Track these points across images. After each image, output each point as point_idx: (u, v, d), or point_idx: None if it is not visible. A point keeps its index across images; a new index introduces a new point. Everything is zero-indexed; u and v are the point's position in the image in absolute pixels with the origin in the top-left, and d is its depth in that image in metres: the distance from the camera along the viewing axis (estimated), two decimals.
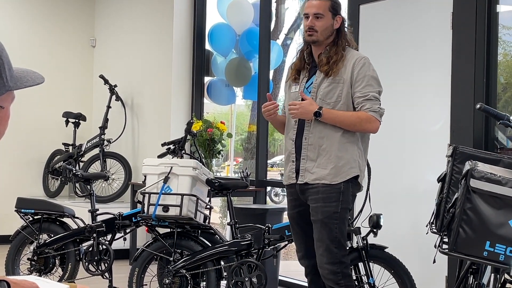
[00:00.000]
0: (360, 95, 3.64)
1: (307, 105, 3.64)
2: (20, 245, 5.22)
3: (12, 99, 1.68)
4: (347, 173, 3.65)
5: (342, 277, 3.63)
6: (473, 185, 2.53)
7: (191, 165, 4.56)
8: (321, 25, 3.71)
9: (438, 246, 2.76)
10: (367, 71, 3.68)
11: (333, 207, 3.63)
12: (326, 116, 3.62)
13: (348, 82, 3.67)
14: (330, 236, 3.63)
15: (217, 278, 4.56)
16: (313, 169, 3.68)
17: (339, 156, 3.64)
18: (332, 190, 3.63)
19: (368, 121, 3.63)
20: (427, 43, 4.77)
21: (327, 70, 3.68)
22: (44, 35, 8.38)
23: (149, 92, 7.63)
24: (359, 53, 3.81)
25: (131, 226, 5.10)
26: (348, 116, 3.64)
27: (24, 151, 8.17)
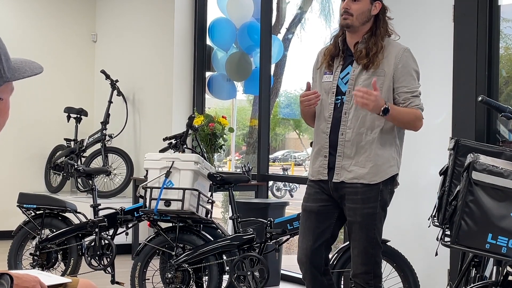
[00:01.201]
0: (408, 90, 3.44)
1: (379, 98, 3.31)
2: (22, 240, 5.23)
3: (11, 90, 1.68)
4: (386, 172, 3.46)
5: (373, 277, 3.50)
6: (475, 178, 2.53)
7: (193, 160, 4.56)
8: (357, 9, 3.44)
9: (440, 239, 2.76)
10: (411, 64, 3.48)
11: (372, 209, 3.44)
12: (392, 113, 3.35)
13: (390, 75, 3.43)
14: (368, 237, 3.46)
15: (219, 272, 4.57)
16: (350, 167, 3.45)
17: (379, 154, 3.43)
18: (371, 191, 3.43)
19: (419, 119, 3.48)
20: (429, 36, 4.76)
21: (366, 63, 3.42)
22: (45, 30, 8.37)
23: (151, 87, 7.63)
24: (399, 44, 3.55)
25: (133, 220, 5.11)
26: (408, 113, 3.43)
27: (26, 147, 8.17)
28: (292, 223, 4.45)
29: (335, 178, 3.47)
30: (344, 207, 3.49)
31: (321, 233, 3.55)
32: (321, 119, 3.55)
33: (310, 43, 10.39)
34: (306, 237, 3.58)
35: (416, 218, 4.73)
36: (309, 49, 9.98)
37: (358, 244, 3.48)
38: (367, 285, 3.50)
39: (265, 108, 6.61)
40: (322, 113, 3.54)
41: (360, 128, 3.44)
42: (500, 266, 2.74)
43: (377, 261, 3.52)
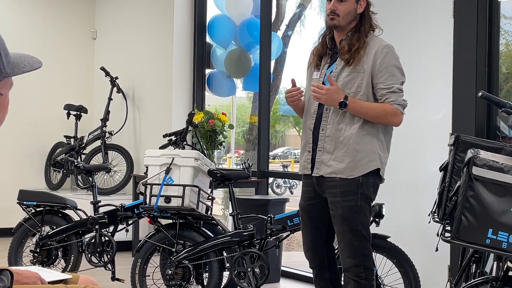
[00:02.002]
0: (384, 86, 3.49)
1: (334, 92, 3.44)
2: (22, 237, 5.23)
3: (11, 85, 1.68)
4: (365, 166, 3.50)
5: (364, 270, 3.54)
6: (475, 173, 2.53)
7: (193, 156, 4.56)
8: (344, 9, 3.53)
9: (441, 235, 2.76)
10: (390, 60, 3.52)
11: (352, 201, 3.50)
12: (351, 107, 3.44)
13: (369, 72, 3.50)
14: (352, 230, 3.52)
15: (220, 269, 4.57)
16: (329, 161, 3.53)
17: (357, 149, 3.49)
18: (350, 184, 3.50)
19: (393, 114, 3.49)
20: (429, 32, 4.76)
21: (348, 58, 3.50)
22: (44, 27, 8.36)
23: (150, 84, 7.62)
24: (382, 40, 3.60)
25: (133, 217, 5.11)
26: (374, 108, 3.48)
27: (25, 144, 8.17)
28: (292, 219, 4.45)
29: (315, 172, 3.58)
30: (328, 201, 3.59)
31: (316, 230, 3.69)
32: (307, 115, 3.66)
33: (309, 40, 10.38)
34: (304, 235, 3.75)
35: (416, 214, 4.73)
36: (309, 45, 9.99)
37: (342, 238, 3.55)
38: (358, 278, 3.54)
39: (265, 105, 6.61)
40: (309, 109, 3.65)
41: (339, 124, 3.52)
42: (500, 262, 2.74)
43: (366, 253, 3.56)
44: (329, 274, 3.71)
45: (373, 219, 4.11)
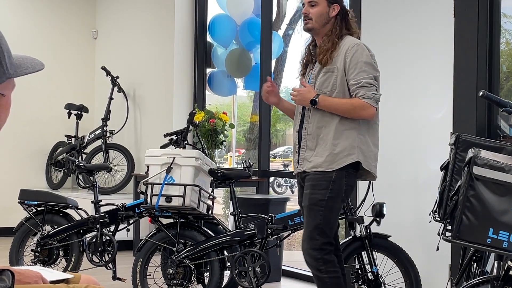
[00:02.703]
0: (354, 82, 3.63)
1: (305, 92, 3.69)
2: (23, 237, 5.23)
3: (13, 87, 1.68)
4: (343, 160, 3.63)
5: (323, 263, 3.63)
6: (476, 172, 2.53)
7: (194, 156, 4.56)
8: (315, 12, 3.73)
9: (441, 234, 2.76)
10: (359, 57, 3.65)
11: (319, 195, 3.63)
12: (322, 104, 3.65)
13: (342, 70, 3.66)
14: (314, 222, 3.64)
15: (221, 268, 4.57)
16: (311, 158, 3.71)
17: (335, 144, 3.65)
18: (322, 178, 3.64)
19: (361, 108, 3.61)
20: (430, 31, 4.76)
21: (321, 59, 3.70)
22: (45, 27, 8.37)
23: (151, 83, 7.63)
24: (353, 39, 3.76)
25: (134, 217, 5.11)
26: (343, 104, 3.64)
27: (26, 143, 8.17)
28: (293, 218, 4.46)
29: (298, 169, 3.78)
30: None
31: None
32: (296, 118, 3.88)
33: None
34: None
35: (417, 213, 4.73)
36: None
37: (305, 229, 3.69)
38: (318, 272, 3.63)
39: (266, 104, 6.59)
40: (296, 113, 3.88)
41: (320, 122, 3.70)
42: (501, 261, 2.74)
43: (323, 248, 3.64)
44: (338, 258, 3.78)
45: (374, 218, 4.11)
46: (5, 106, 1.67)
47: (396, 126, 4.98)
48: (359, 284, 4.14)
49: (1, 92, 1.63)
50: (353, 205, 4.27)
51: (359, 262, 4.14)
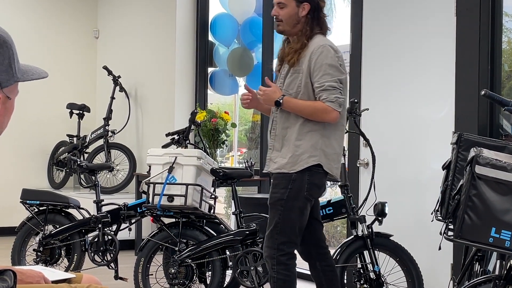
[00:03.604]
0: (318, 85, 3.59)
1: (270, 93, 3.67)
2: (25, 236, 5.24)
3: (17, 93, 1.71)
4: (305, 161, 3.62)
5: (276, 263, 3.63)
6: (478, 172, 2.53)
7: (196, 155, 4.56)
8: (284, 14, 3.68)
9: (444, 233, 2.76)
10: (324, 59, 3.59)
11: (279, 194, 3.63)
12: (286, 105, 3.64)
13: (307, 72, 3.62)
14: (273, 221, 3.65)
15: (223, 268, 4.57)
16: (276, 158, 3.72)
17: (297, 145, 3.64)
18: (283, 178, 3.65)
19: (323, 111, 3.58)
20: (431, 30, 4.75)
21: (289, 60, 3.67)
22: (47, 27, 8.37)
23: (153, 82, 7.63)
24: (321, 40, 3.69)
25: (136, 216, 5.11)
26: (306, 106, 3.62)
27: (28, 143, 8.18)
28: None
29: (265, 169, 3.82)
30: None
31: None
32: (270, 118, 3.86)
33: None
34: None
35: (419, 213, 4.73)
36: None
37: (267, 227, 3.69)
38: (271, 271, 3.65)
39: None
40: (271, 112, 3.84)
41: (285, 123, 3.70)
42: (503, 260, 2.74)
43: (282, 248, 3.62)
44: (321, 266, 3.82)
45: (376, 217, 4.11)
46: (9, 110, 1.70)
47: (398, 125, 4.98)
48: (361, 284, 4.14)
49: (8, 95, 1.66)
50: (355, 205, 4.26)
51: (361, 261, 4.14)
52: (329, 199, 4.33)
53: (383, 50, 5.11)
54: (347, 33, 5.47)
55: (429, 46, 4.77)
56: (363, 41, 5.25)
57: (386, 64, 5.09)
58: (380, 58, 5.14)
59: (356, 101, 4.29)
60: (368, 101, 5.11)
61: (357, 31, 5.31)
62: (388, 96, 5.06)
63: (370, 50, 5.20)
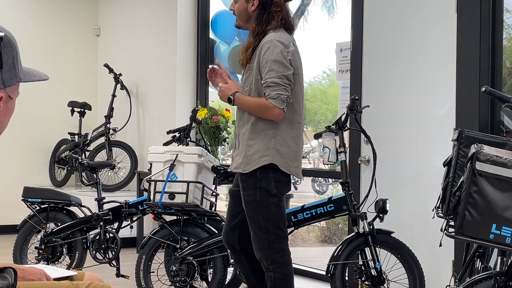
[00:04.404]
0: (263, 82, 3.55)
1: (225, 89, 3.69)
2: (27, 234, 5.25)
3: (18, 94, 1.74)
4: (257, 161, 3.58)
5: (271, 262, 3.61)
6: (479, 168, 2.53)
7: (197, 153, 4.57)
8: (236, 9, 3.70)
9: (444, 230, 2.76)
10: (270, 55, 3.52)
11: (251, 196, 3.61)
12: (236, 102, 3.66)
13: (256, 68, 3.58)
14: (256, 223, 3.62)
15: (224, 265, 4.58)
16: (235, 157, 3.72)
17: (249, 145, 3.61)
18: (248, 179, 3.62)
19: (265, 108, 3.53)
20: (432, 27, 4.75)
21: (240, 58, 3.68)
22: (48, 24, 8.38)
23: (154, 80, 7.63)
24: (270, 36, 3.59)
25: (138, 214, 5.12)
26: (251, 103, 3.59)
27: (30, 141, 8.19)
28: (296, 215, 4.44)
29: (229, 168, 3.86)
30: None
31: (234, 215, 3.84)
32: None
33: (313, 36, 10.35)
34: (227, 216, 3.94)
35: (420, 209, 4.73)
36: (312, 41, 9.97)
37: (251, 230, 3.67)
38: (267, 271, 3.63)
39: None
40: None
41: (239, 121, 3.72)
42: (504, 257, 2.74)
43: (273, 246, 3.61)
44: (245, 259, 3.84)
45: (377, 214, 4.11)
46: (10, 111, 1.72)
47: (399, 122, 4.98)
48: (362, 281, 4.14)
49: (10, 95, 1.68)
50: (356, 202, 4.27)
51: (362, 258, 4.14)
52: (330, 196, 4.33)
53: (383, 47, 5.11)
54: (348, 30, 5.47)
55: (429, 43, 4.77)
56: (364, 38, 5.25)
57: (386, 61, 5.09)
58: (380, 55, 5.14)
59: (357, 98, 4.29)
60: (369, 98, 5.12)
61: (357, 28, 5.30)
62: (389, 93, 5.06)
63: (371, 47, 5.20)
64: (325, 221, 8.70)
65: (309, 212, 4.31)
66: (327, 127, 4.26)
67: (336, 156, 4.19)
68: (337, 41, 5.81)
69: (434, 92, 4.75)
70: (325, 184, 13.61)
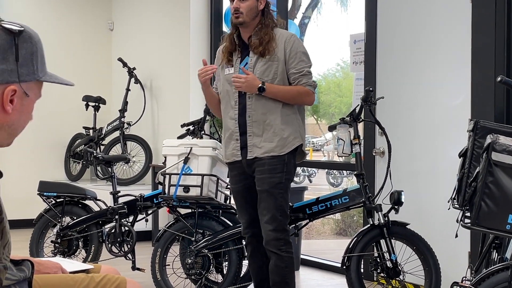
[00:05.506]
0: (295, 71, 3.90)
1: (252, 79, 3.85)
2: (43, 228, 5.28)
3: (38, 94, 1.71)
4: (292, 143, 3.91)
5: (284, 243, 3.89)
6: (495, 158, 2.51)
7: (211, 146, 4.57)
8: (246, 6, 3.92)
9: (460, 221, 2.75)
10: (298, 47, 3.92)
11: (278, 178, 3.87)
12: (269, 91, 3.86)
13: (282, 59, 3.90)
14: (276, 205, 3.87)
15: (239, 258, 4.58)
16: (260, 143, 3.90)
17: (283, 129, 3.90)
18: (277, 162, 3.88)
19: (306, 94, 3.91)
20: (447, 18, 4.72)
21: (262, 51, 3.89)
22: (61, 19, 8.40)
23: (168, 74, 7.64)
24: (286, 31, 4.05)
25: (153, 207, 5.13)
26: (289, 90, 3.90)
27: (45, 136, 8.23)
28: (311, 207, 4.44)
29: (249, 156, 3.94)
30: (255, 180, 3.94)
31: (251, 209, 4.01)
32: (228, 108, 4.02)
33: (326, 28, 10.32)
34: (241, 216, 4.11)
35: (435, 201, 4.71)
36: (326, 33, 9.94)
37: (267, 212, 3.89)
38: (279, 251, 3.88)
39: None
40: (228, 102, 4.02)
41: (264, 109, 3.90)
42: None
43: (286, 229, 3.94)
44: (264, 248, 4.00)
45: (392, 206, 4.10)
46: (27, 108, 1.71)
47: (413, 113, 4.95)
48: (378, 273, 4.13)
49: (26, 92, 1.67)
50: (371, 193, 4.25)
51: (378, 250, 4.13)
52: (345, 188, 4.32)
53: (398, 37, 5.08)
54: (361, 21, 5.44)
55: (444, 32, 4.74)
56: (378, 29, 5.23)
57: (401, 51, 5.07)
58: (395, 46, 5.11)
59: (371, 89, 4.28)
60: (383, 89, 5.09)
61: (371, 19, 5.28)
62: (404, 84, 5.04)
63: (385, 38, 5.18)
64: (340, 213, 8.69)
65: (323, 204, 4.30)
66: (341, 119, 4.25)
67: (350, 148, 4.19)
68: (351, 33, 5.79)
69: (449, 82, 4.72)
70: (340, 177, 13.59)
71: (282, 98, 3.90)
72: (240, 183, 4.03)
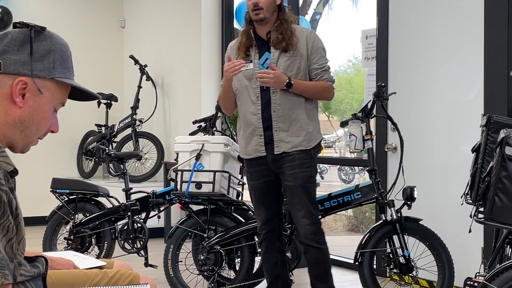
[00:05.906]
0: (318, 66, 3.95)
1: (279, 75, 3.85)
2: (56, 225, 5.30)
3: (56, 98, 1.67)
4: (316, 138, 3.98)
5: (321, 235, 3.95)
6: (509, 153, 2.50)
7: (223, 142, 4.57)
8: (265, 2, 3.91)
9: (474, 216, 2.74)
10: (319, 43, 3.98)
11: (308, 172, 3.92)
12: (296, 86, 3.88)
13: (305, 55, 3.94)
14: (309, 198, 3.92)
15: (251, 254, 4.58)
16: (287, 138, 3.92)
17: (308, 123, 3.95)
18: (306, 156, 3.92)
19: (328, 90, 3.98)
20: (460, 12, 4.70)
21: (285, 46, 3.90)
22: (73, 17, 8.43)
23: (179, 70, 7.65)
24: (305, 27, 4.10)
25: (165, 204, 5.14)
26: (313, 86, 3.94)
27: (58, 134, 8.14)
28: (323, 203, 4.43)
29: (276, 151, 3.93)
30: (283, 175, 3.94)
31: (272, 205, 4.05)
32: (248, 103, 3.98)
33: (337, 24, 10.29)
34: (260, 212, 4.09)
35: (448, 196, 4.69)
36: (337, 29, 9.91)
37: (302, 207, 3.91)
38: (318, 244, 3.92)
39: None
40: (248, 98, 3.98)
41: (289, 104, 3.91)
42: None
43: (320, 221, 4.02)
44: (279, 245, 4.11)
45: (405, 202, 4.08)
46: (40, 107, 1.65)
47: (426, 108, 4.93)
48: (390, 268, 4.12)
49: (40, 89, 1.64)
50: (384, 189, 4.24)
51: (391, 246, 4.12)
52: (357, 184, 4.31)
53: (410, 33, 5.06)
54: (373, 16, 5.43)
55: (457, 27, 4.72)
56: (390, 24, 5.21)
57: (413, 47, 5.05)
58: (407, 41, 5.09)
59: (383, 85, 4.26)
60: (395, 85, 5.08)
61: (383, 15, 5.26)
62: (416, 79, 5.02)
63: (397, 33, 5.16)
64: (352, 209, 8.66)
65: (336, 200, 4.29)
66: (353, 115, 4.25)
67: (362, 144, 4.18)
68: (363, 28, 5.77)
69: (461, 77, 4.70)
70: (352, 173, 13.57)
71: (307, 93, 3.93)
72: (262, 179, 4.01)
